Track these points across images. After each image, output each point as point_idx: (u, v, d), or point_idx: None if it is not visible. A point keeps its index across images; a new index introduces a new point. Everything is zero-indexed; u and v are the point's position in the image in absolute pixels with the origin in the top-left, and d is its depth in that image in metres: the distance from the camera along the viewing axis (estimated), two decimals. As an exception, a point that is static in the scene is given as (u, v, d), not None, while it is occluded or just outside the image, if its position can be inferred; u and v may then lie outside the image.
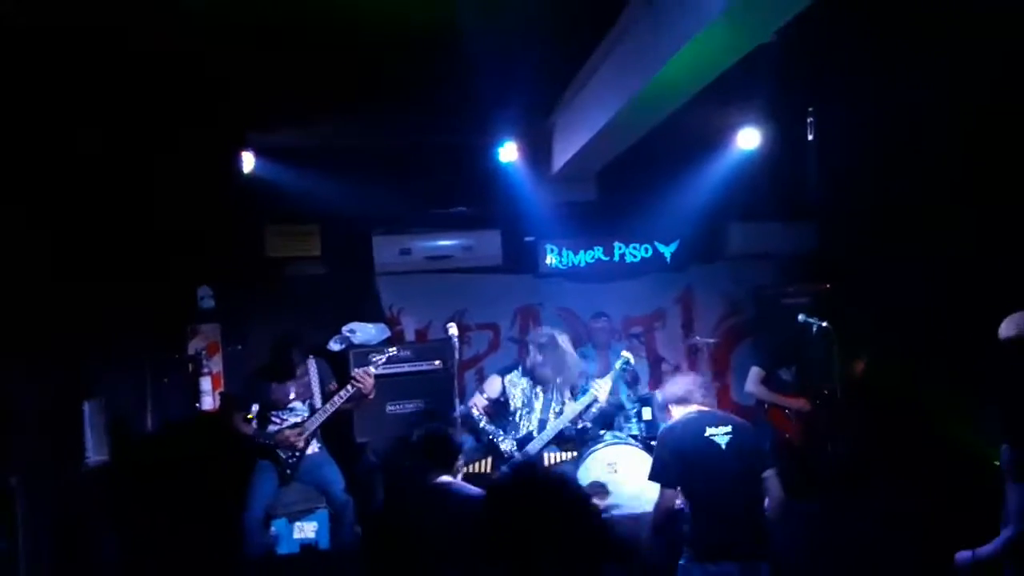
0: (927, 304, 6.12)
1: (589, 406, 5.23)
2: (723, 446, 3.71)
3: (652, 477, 3.81)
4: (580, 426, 5.40)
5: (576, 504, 2.31)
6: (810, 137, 6.04)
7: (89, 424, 5.40)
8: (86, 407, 5.43)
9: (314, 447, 5.19)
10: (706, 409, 3.93)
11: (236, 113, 5.79)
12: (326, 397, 5.18)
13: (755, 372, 6.00)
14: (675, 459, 3.74)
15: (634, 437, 5.67)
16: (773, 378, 5.97)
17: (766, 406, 5.96)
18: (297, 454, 5.08)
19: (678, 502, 3.77)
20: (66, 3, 4.05)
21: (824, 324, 5.50)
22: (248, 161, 6.20)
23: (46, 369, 5.05)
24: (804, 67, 5.11)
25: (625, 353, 5.57)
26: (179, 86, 5.18)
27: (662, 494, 3.77)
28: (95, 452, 5.40)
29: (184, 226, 6.15)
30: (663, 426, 4.21)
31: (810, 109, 6.06)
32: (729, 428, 3.76)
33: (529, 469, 3.63)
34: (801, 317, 5.65)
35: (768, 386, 5.95)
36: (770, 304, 6.89)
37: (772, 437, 5.82)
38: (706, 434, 3.73)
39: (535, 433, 5.19)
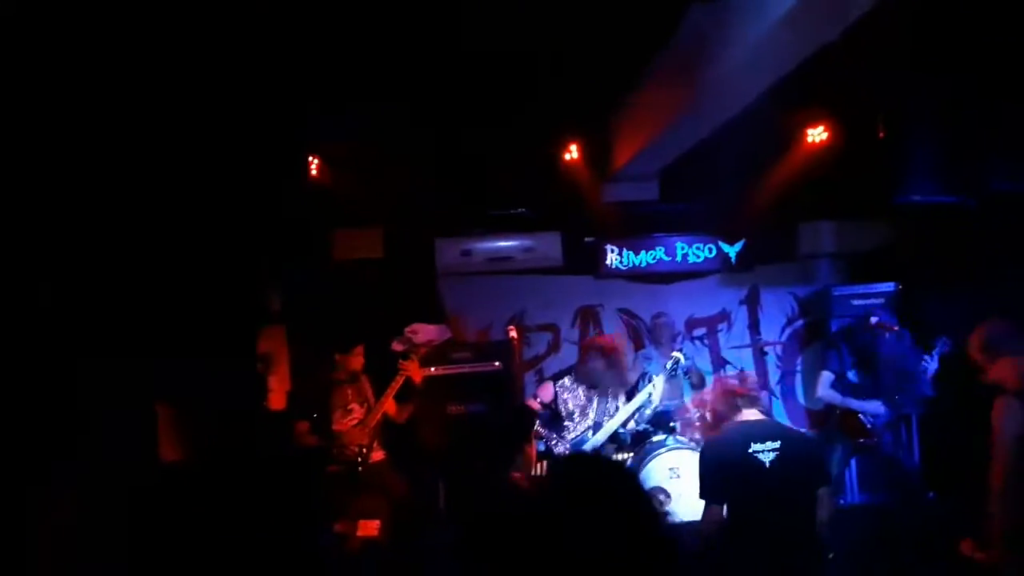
0: (1003, 304, 5.85)
1: (642, 406, 5.20)
2: (767, 464, 3.38)
3: (701, 495, 3.52)
4: (635, 428, 5.37)
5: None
6: (882, 134, 5.83)
7: (161, 422, 5.57)
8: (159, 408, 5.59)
9: (378, 453, 5.27)
10: (753, 419, 3.57)
11: (302, 118, 5.90)
12: (380, 394, 5.26)
13: (825, 377, 5.82)
14: (717, 476, 3.45)
15: (696, 442, 5.56)
16: (844, 382, 5.79)
17: (838, 412, 5.78)
18: (364, 451, 5.15)
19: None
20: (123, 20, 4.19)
21: (897, 326, 5.32)
22: (314, 165, 6.31)
23: (120, 370, 5.22)
24: (875, 61, 4.95)
25: (676, 354, 5.48)
26: (248, 93, 5.31)
27: (707, 510, 3.49)
28: (168, 452, 5.56)
29: (253, 230, 6.30)
30: (705, 440, 4.04)
31: (882, 105, 5.85)
32: (777, 443, 3.41)
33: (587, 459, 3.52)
34: (874, 319, 5.47)
35: (839, 391, 5.76)
36: (841, 305, 6.68)
37: (845, 444, 5.64)
38: (750, 450, 3.40)
39: (590, 435, 5.17)
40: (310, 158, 6.33)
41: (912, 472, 5.59)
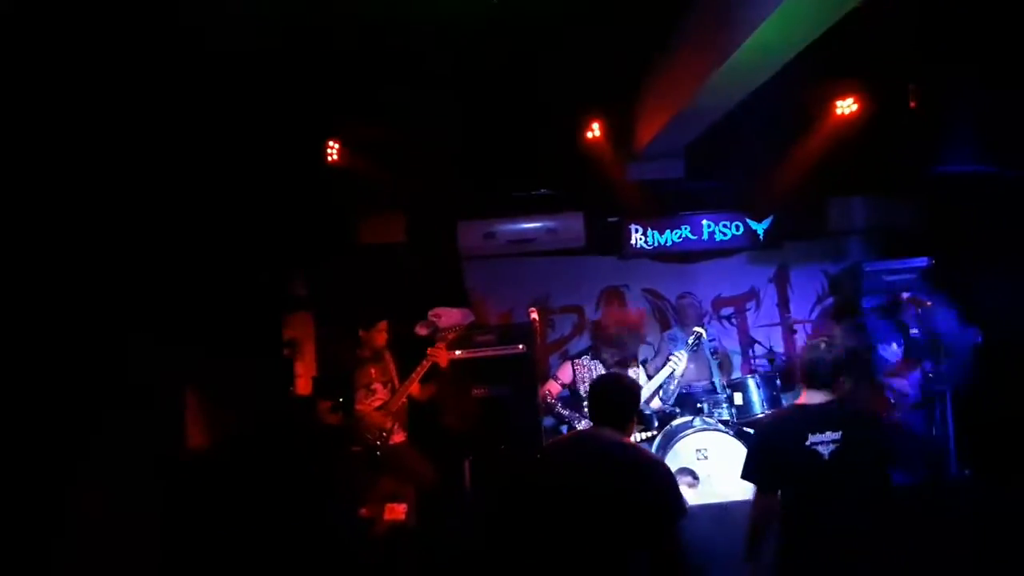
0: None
1: (665, 383, 5.18)
2: (826, 456, 3.09)
3: (744, 475, 3.25)
4: (661, 408, 5.31)
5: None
6: (912, 105, 5.66)
7: (189, 408, 5.63)
8: (187, 391, 5.65)
9: (400, 435, 5.27)
10: (816, 402, 3.22)
11: (324, 103, 5.89)
12: (404, 376, 5.24)
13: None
14: (768, 465, 3.19)
15: (724, 423, 5.50)
16: (875, 358, 5.67)
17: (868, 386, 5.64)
18: (384, 434, 5.16)
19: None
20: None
21: (930, 302, 5.19)
22: (336, 150, 6.30)
23: (149, 357, 5.28)
24: (904, 31, 4.80)
25: (697, 328, 5.39)
26: (270, 80, 5.31)
27: (756, 499, 3.22)
28: (195, 436, 5.62)
29: (277, 215, 6.31)
30: (760, 414, 3.83)
31: (914, 73, 5.68)
32: (838, 434, 3.10)
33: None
34: (906, 294, 5.34)
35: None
36: (872, 281, 6.53)
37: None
38: (807, 441, 3.11)
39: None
40: (332, 143, 6.31)
41: (942, 450, 5.45)
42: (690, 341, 5.33)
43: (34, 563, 4.13)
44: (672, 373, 5.16)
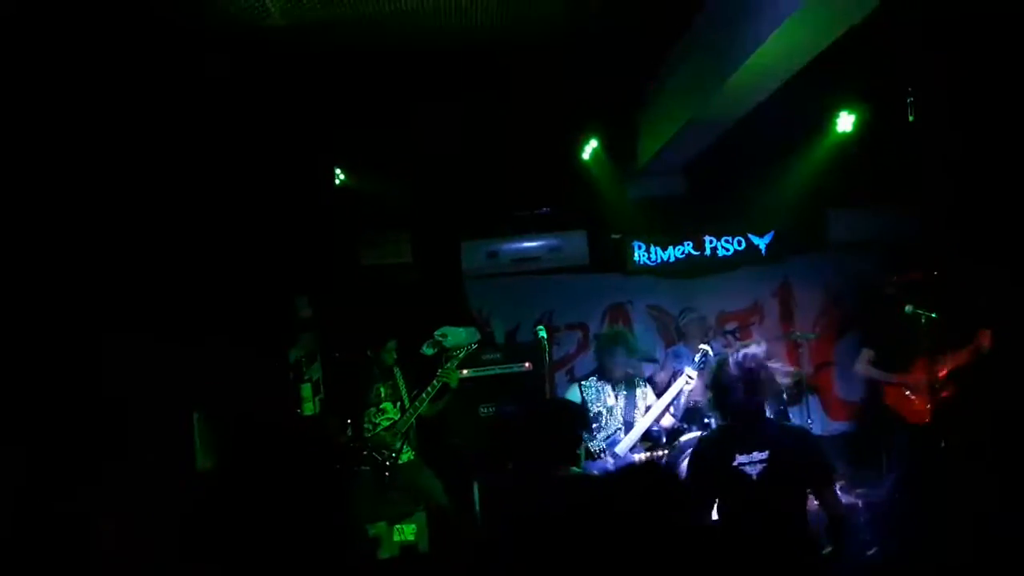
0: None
1: (676, 397, 5.18)
2: (754, 476, 3.06)
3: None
4: (670, 425, 5.32)
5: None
6: (911, 118, 5.71)
7: (197, 432, 5.63)
8: (195, 416, 5.66)
9: (409, 454, 5.27)
10: (745, 422, 3.16)
11: (328, 125, 5.94)
12: (413, 397, 5.25)
13: (865, 353, 5.61)
14: (704, 480, 3.17)
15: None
16: (888, 357, 5.54)
17: (882, 390, 5.61)
18: (393, 455, 5.16)
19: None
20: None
21: (933, 315, 5.20)
22: (340, 172, 6.36)
23: (156, 380, 5.29)
24: (903, 44, 4.86)
25: (703, 346, 5.41)
26: (274, 104, 5.37)
27: (692, 512, 3.12)
28: (203, 459, 5.62)
29: (281, 238, 6.35)
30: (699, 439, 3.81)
31: (910, 88, 5.74)
32: (766, 454, 3.06)
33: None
34: (908, 308, 5.35)
35: (881, 367, 5.52)
36: (875, 294, 6.54)
37: (902, 428, 5.43)
38: (735, 463, 3.08)
39: (622, 434, 5.12)
40: (336, 165, 6.37)
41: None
42: (696, 359, 5.35)
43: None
44: (682, 391, 5.17)
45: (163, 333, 5.39)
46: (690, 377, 5.15)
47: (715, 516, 3.24)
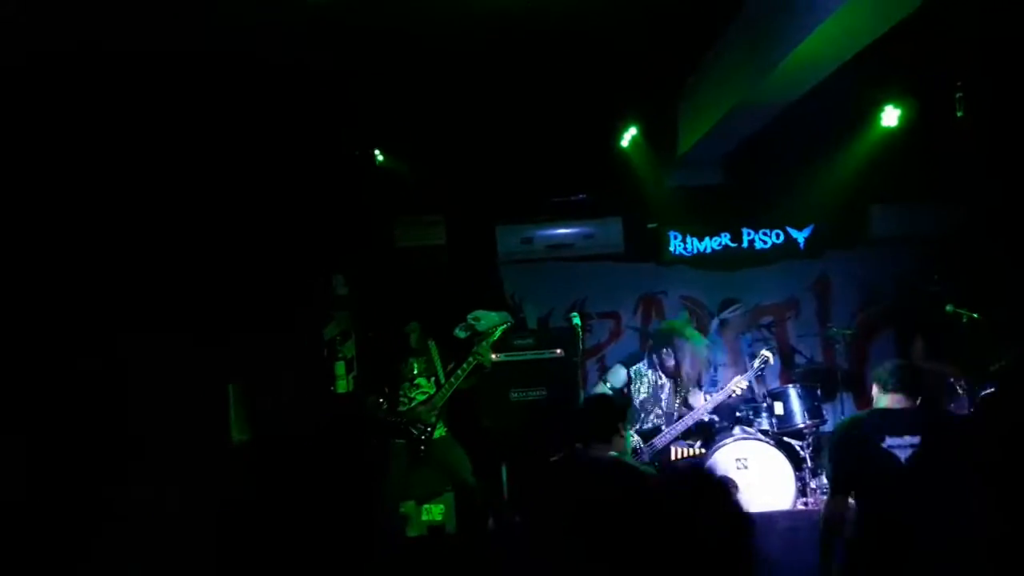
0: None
1: (721, 402, 5.16)
2: (903, 460, 3.03)
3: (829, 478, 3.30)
4: (707, 419, 5.31)
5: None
6: (959, 113, 5.59)
7: (232, 405, 5.74)
8: (230, 389, 5.76)
9: (442, 430, 5.31)
10: (896, 406, 3.18)
11: (368, 108, 5.97)
12: (448, 373, 5.29)
13: (920, 344, 5.60)
14: (844, 465, 3.19)
15: (764, 432, 5.46)
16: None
17: None
18: (428, 429, 5.20)
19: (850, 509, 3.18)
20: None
21: (975, 315, 5.12)
22: (378, 154, 6.39)
23: (194, 354, 5.39)
24: (952, 38, 4.75)
25: (765, 352, 5.37)
26: (315, 85, 5.40)
27: (829, 500, 3.23)
28: (238, 432, 5.73)
29: (320, 217, 6.42)
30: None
31: (959, 83, 5.60)
32: (917, 438, 3.04)
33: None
34: (950, 307, 5.27)
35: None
36: (915, 291, 6.44)
37: None
38: (884, 444, 3.06)
39: (664, 426, 5.11)
40: (374, 147, 6.41)
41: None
42: (756, 365, 5.32)
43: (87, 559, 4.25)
44: (730, 396, 5.20)
45: (201, 308, 5.49)
46: (739, 387, 5.14)
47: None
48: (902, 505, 3.03)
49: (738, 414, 5.60)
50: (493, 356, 5.50)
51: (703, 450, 5.23)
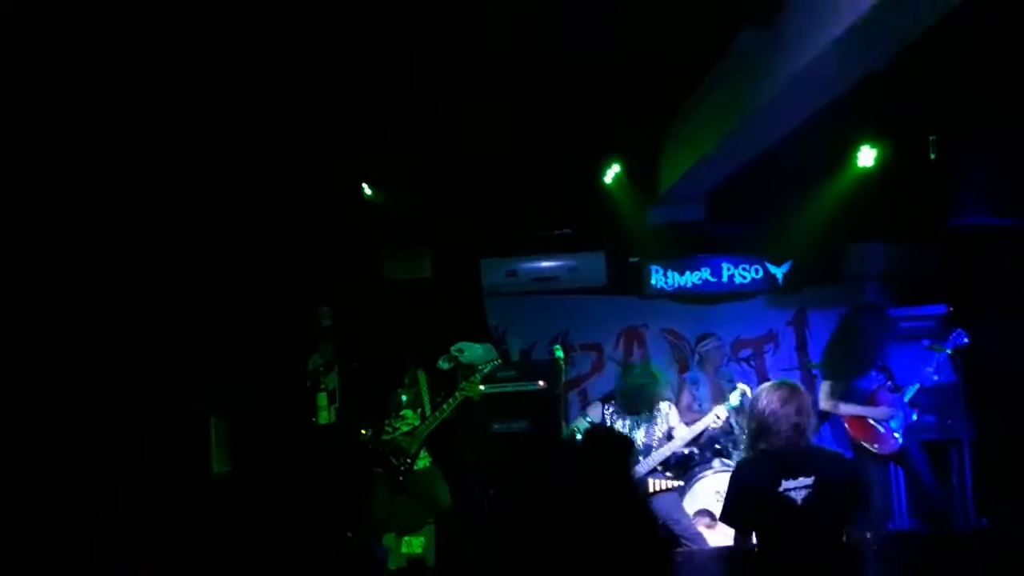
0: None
1: (701, 433, 5.18)
2: (799, 502, 3.10)
3: (722, 518, 3.33)
4: (687, 451, 5.37)
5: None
6: (932, 155, 5.77)
7: (214, 436, 5.71)
8: (212, 421, 5.74)
9: (425, 460, 5.32)
10: (790, 447, 3.18)
11: (355, 142, 6.05)
12: (435, 406, 5.31)
13: (827, 387, 5.52)
14: (746, 505, 3.22)
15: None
16: (851, 389, 5.49)
17: (844, 419, 5.49)
18: (408, 460, 5.21)
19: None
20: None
21: (951, 349, 5.24)
22: (367, 187, 6.46)
23: (173, 385, 5.39)
24: (925, 84, 4.91)
25: (742, 386, 5.42)
26: (303, 118, 5.47)
27: (735, 539, 3.29)
28: (219, 464, 5.70)
29: (308, 249, 6.45)
30: (739, 460, 3.91)
31: (933, 126, 5.79)
32: (811, 479, 3.11)
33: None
34: (926, 342, 5.39)
35: (847, 398, 5.46)
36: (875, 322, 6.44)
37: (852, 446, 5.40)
38: (780, 488, 3.12)
39: (640, 457, 5.16)
40: (361, 179, 6.48)
41: (945, 497, 5.41)
42: (734, 399, 5.31)
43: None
44: (707, 428, 5.23)
45: (180, 337, 5.50)
46: (718, 416, 5.19)
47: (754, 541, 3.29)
48: (799, 540, 3.12)
49: (717, 446, 5.67)
50: (481, 388, 5.53)
51: (681, 482, 5.27)
